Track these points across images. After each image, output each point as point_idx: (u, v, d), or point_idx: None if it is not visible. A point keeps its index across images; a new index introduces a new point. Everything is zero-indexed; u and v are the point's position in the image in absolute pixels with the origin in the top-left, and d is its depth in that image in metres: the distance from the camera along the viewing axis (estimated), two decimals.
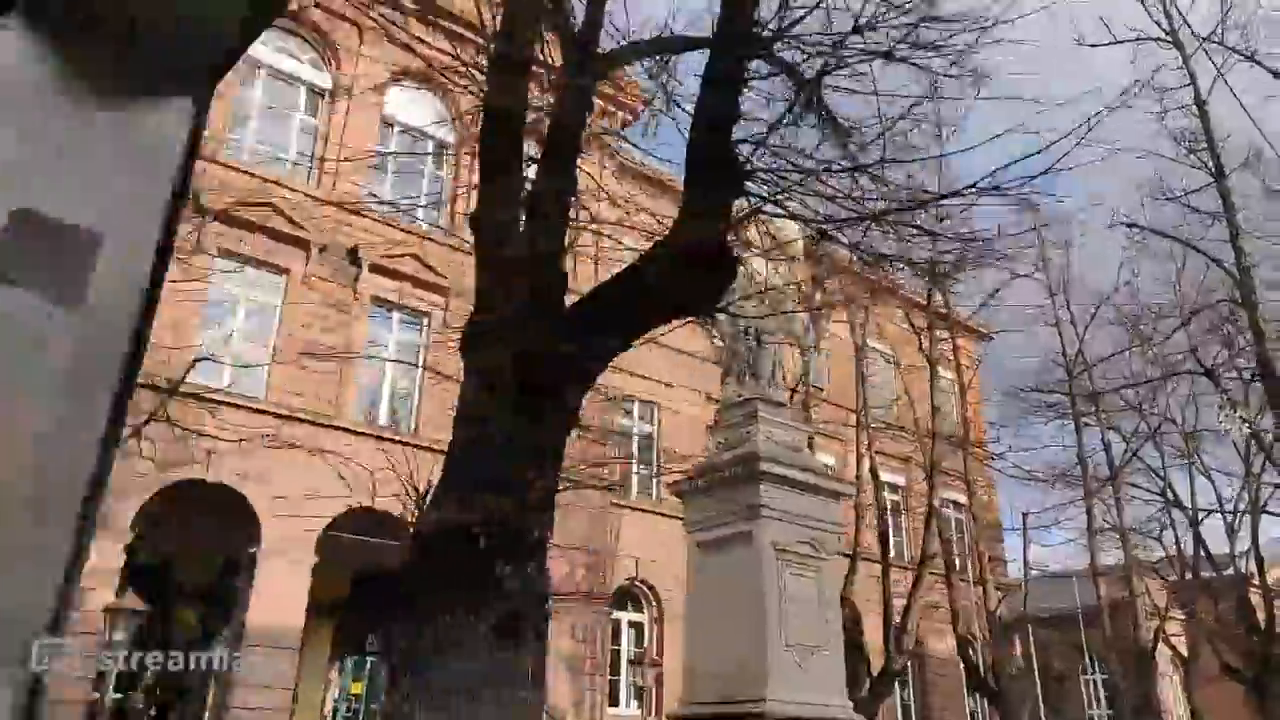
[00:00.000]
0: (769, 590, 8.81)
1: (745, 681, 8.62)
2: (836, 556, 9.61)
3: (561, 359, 3.67)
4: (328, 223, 17.81)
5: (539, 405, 3.60)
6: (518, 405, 3.53)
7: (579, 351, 3.73)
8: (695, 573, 9.76)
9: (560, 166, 4.74)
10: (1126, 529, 20.90)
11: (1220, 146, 12.85)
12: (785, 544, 9.06)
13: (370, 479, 16.88)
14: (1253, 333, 12.89)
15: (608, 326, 3.90)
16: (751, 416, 9.78)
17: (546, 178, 4.73)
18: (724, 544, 9.44)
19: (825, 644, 9.05)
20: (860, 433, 18.31)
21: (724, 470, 9.60)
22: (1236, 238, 12.76)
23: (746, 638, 8.80)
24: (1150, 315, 16.59)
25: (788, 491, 9.30)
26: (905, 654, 15.79)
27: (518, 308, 3.71)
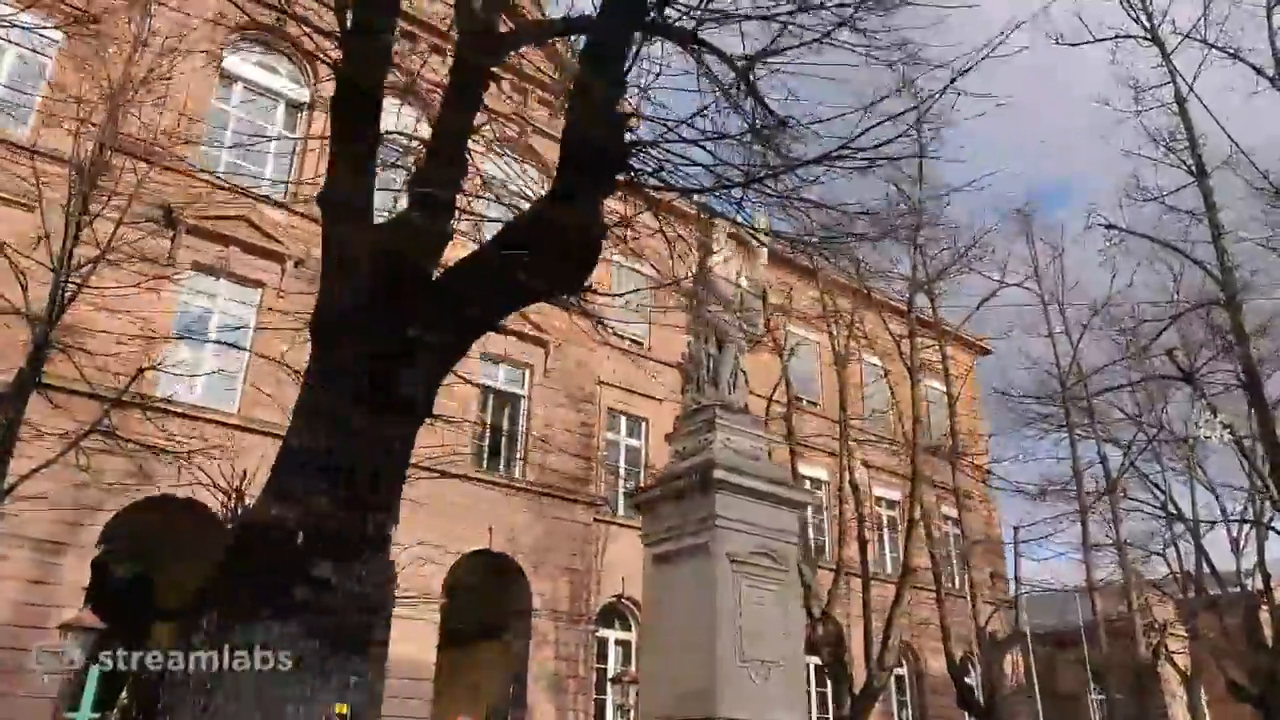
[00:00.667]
0: (723, 604, 8.49)
1: (696, 698, 8.30)
2: (799, 568, 9.27)
3: (409, 346, 3.41)
4: (304, 235, 17.63)
5: (384, 395, 3.34)
6: (358, 394, 3.27)
7: (428, 338, 3.48)
8: (651, 586, 9.47)
9: (448, 152, 4.47)
10: (1125, 543, 20.41)
11: (1201, 144, 12.55)
12: (742, 555, 8.75)
13: None
14: (1235, 336, 12.53)
15: (460, 312, 3.63)
16: (709, 424, 9.49)
17: (432, 164, 4.48)
18: (679, 556, 9.13)
19: (785, 659, 8.71)
20: (843, 443, 17.93)
21: (679, 480, 9.31)
22: (1219, 238, 12.41)
23: (699, 653, 8.48)
24: (1132, 320, 16.20)
25: (745, 501, 8.99)
26: (888, 671, 15.36)
27: (367, 293, 3.44)
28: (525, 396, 20.27)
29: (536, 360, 20.45)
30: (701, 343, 10.14)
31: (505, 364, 20.13)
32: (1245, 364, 12.44)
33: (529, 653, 18.20)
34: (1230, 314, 12.56)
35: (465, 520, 17.92)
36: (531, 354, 20.43)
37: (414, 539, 17.26)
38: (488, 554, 18.28)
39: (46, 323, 9.85)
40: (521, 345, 20.28)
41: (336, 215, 3.69)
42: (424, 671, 16.68)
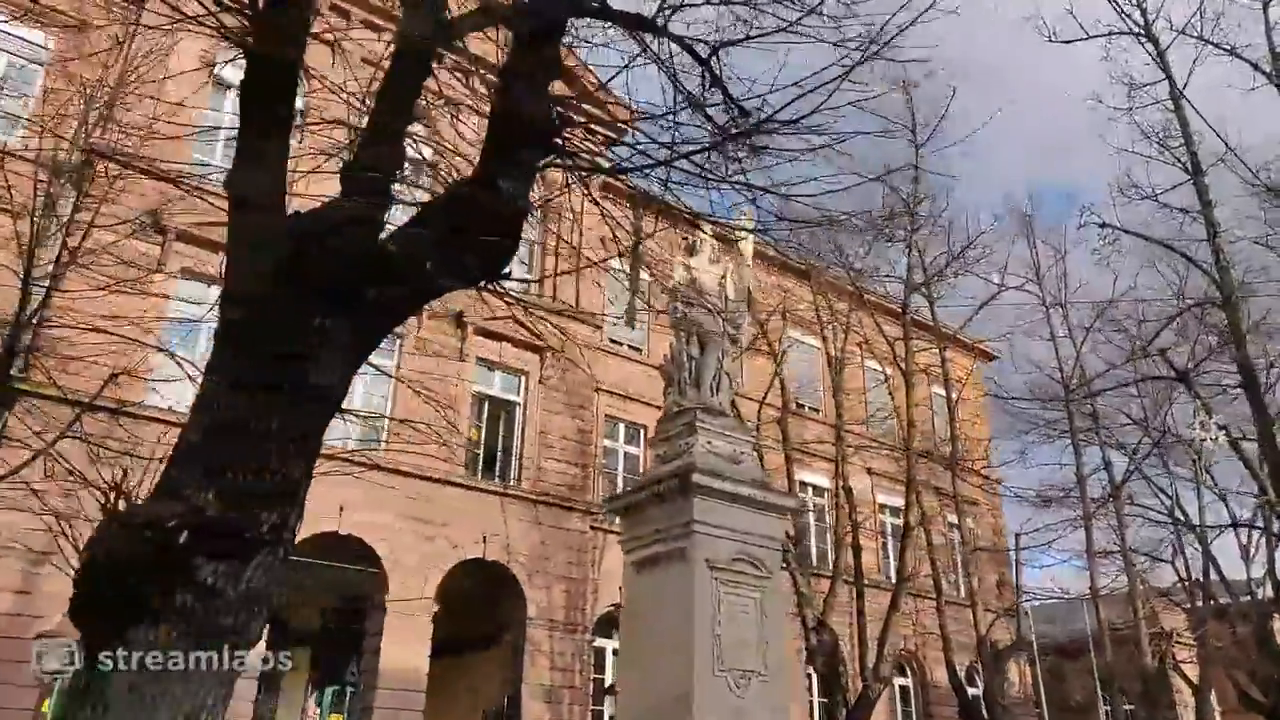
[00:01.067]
0: (700, 611, 8.25)
1: (672, 708, 8.06)
2: (781, 574, 9.02)
3: (318, 335, 3.21)
4: None
5: (291, 386, 3.14)
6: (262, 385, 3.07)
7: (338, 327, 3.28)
8: (629, 594, 9.25)
9: (385, 136, 4.27)
10: (1132, 550, 20.01)
11: (1198, 142, 12.26)
12: (721, 561, 8.51)
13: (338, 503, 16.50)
14: (1233, 335, 12.23)
15: (370, 300, 3.42)
16: (690, 427, 9.27)
17: (367, 148, 4.29)
18: (658, 562, 8.90)
19: (765, 669, 8.44)
20: (839, 448, 17.64)
21: (659, 484, 9.08)
22: (1215, 236, 12.11)
23: (675, 662, 8.24)
24: (1131, 321, 15.82)
25: (726, 506, 8.76)
26: (884, 681, 15.03)
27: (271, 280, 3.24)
28: (521, 403, 20.08)
29: (533, 367, 20.27)
30: (683, 344, 9.93)
31: (501, 370, 19.96)
32: (1243, 363, 12.12)
33: (524, 663, 17.96)
34: (1227, 313, 12.27)
35: (459, 528, 17.74)
36: (528, 361, 20.25)
37: (406, 547, 17.18)
38: (482, 562, 18.07)
39: (16, 326, 9.71)
40: (517, 352, 20.14)
41: (245, 202, 3.50)
42: (416, 682, 16.47)
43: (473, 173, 3.86)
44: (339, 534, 16.42)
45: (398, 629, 16.62)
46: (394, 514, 17.12)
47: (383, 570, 16.79)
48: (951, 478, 19.41)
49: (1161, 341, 13.95)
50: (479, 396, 19.62)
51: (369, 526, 16.77)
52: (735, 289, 10.39)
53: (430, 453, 18.16)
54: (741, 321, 10.48)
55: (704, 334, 9.90)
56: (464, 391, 19.03)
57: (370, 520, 16.81)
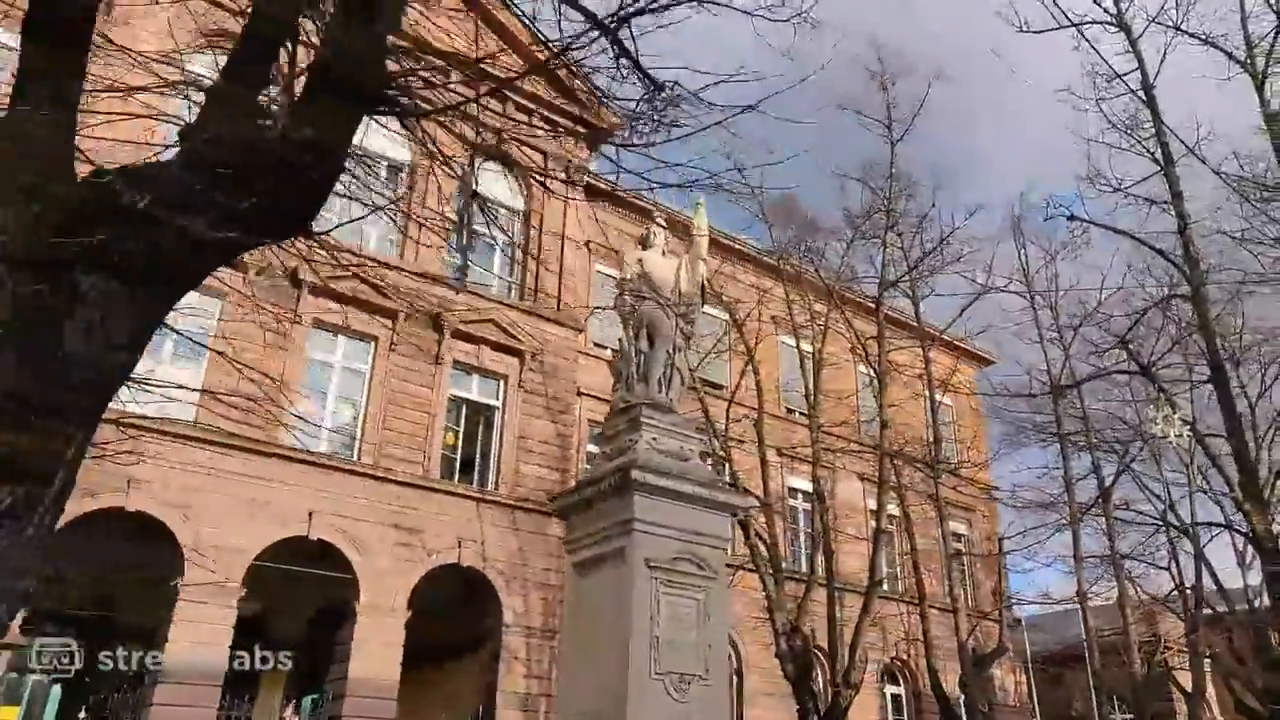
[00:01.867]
0: (639, 611, 7.95)
1: (607, 714, 7.76)
2: (724, 574, 8.72)
3: (73, 292, 2.92)
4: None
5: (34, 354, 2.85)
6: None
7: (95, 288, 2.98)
8: (570, 597, 8.96)
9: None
10: (1122, 556, 19.59)
11: (1168, 133, 11.95)
12: (662, 561, 8.21)
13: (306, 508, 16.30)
14: (1201, 329, 11.88)
15: (131, 255, 3.07)
16: (634, 424, 8.99)
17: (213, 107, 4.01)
18: (598, 563, 8.62)
19: (707, 673, 8.14)
20: (815, 450, 17.30)
21: (600, 483, 8.80)
22: (1185, 229, 11.78)
23: (611, 666, 7.95)
24: (1102, 316, 15.39)
25: (668, 504, 8.46)
26: (855, 688, 14.66)
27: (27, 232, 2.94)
28: (500, 407, 19.83)
29: (512, 371, 20.03)
30: (632, 339, 9.66)
31: (479, 374, 19.73)
32: (1212, 357, 11.77)
33: (500, 670, 17.67)
34: (1195, 306, 11.92)
35: (434, 533, 17.49)
36: (507, 364, 20.01)
37: (378, 552, 16.94)
38: (458, 568, 17.81)
39: None
40: (496, 355, 19.91)
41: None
42: (387, 690, 16.19)
43: (281, 118, 3.60)
44: (308, 539, 16.20)
45: (369, 636, 16.37)
46: (367, 519, 16.89)
47: (354, 576, 16.54)
48: (934, 481, 19.03)
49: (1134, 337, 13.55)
50: (456, 400, 19.38)
51: (340, 532, 16.54)
52: (689, 282, 10.12)
53: (406, 457, 18.01)
54: (695, 316, 10.21)
55: (654, 328, 9.63)
56: (440, 395, 18.81)
57: (342, 525, 16.58)
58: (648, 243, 10.31)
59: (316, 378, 17.73)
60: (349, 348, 18.24)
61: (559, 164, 22.13)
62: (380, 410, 17.91)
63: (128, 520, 14.72)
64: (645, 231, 10.44)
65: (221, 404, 16.00)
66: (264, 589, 17.12)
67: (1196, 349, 12.19)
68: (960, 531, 27.22)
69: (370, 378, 18.13)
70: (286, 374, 17.00)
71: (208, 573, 14.88)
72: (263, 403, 16.68)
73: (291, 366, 17.10)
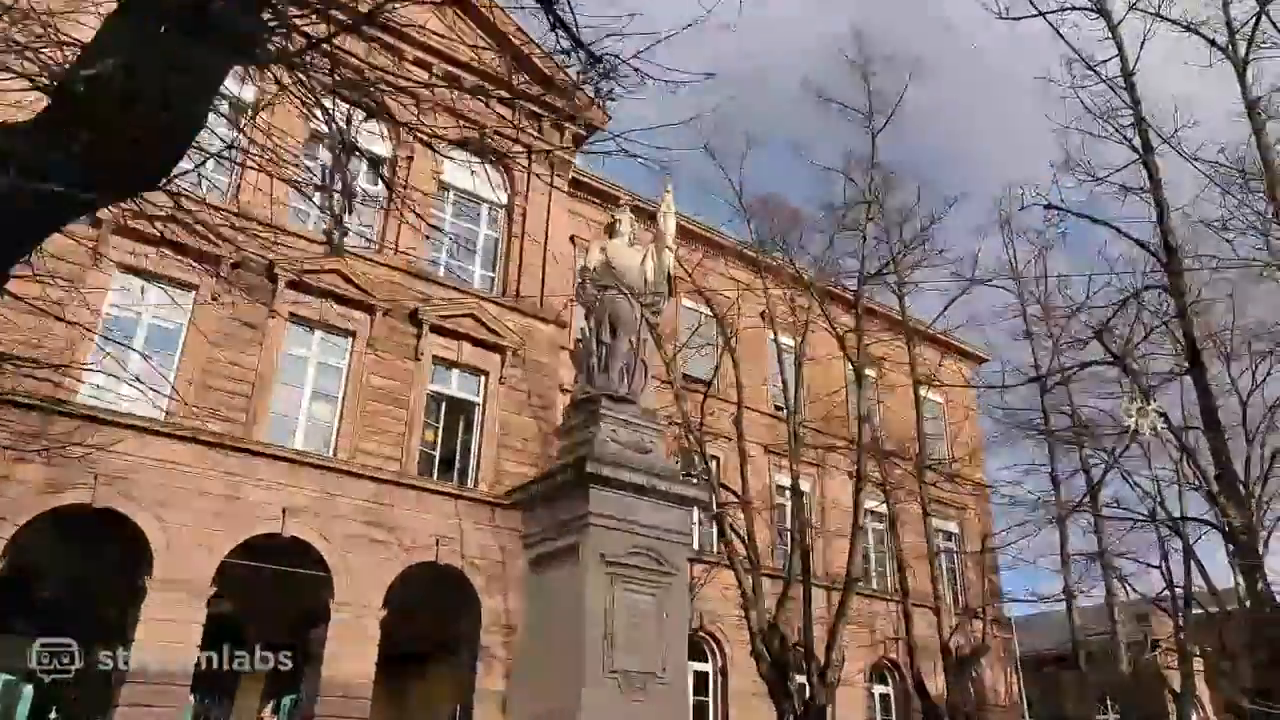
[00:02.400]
0: (592, 609, 7.71)
1: (559, 715, 7.52)
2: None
3: None
4: (242, 237, 17.11)
5: None
6: None
7: None
8: (526, 595, 8.72)
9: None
10: (1112, 554, 19.31)
11: (1147, 120, 11.68)
12: (617, 557, 7.97)
13: (281, 505, 16.06)
14: (1180, 319, 11.64)
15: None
16: (593, 415, 8.75)
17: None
18: (554, 559, 8.39)
19: (664, 672, 7.90)
20: (792, 445, 17.03)
21: (556, 476, 8.58)
22: (1163, 217, 11.53)
23: (564, 665, 7.71)
24: (1068, 306, 15.08)
25: (626, 497, 8.22)
26: (831, 686, 14.39)
27: None
28: (481, 404, 19.59)
29: (493, 367, 19.78)
30: (594, 329, 9.43)
31: (459, 370, 19.48)
32: (1190, 349, 11.51)
33: (478, 671, 17.40)
34: (1173, 296, 11.68)
35: (412, 531, 17.23)
36: (488, 360, 19.76)
37: (354, 550, 16.69)
38: (435, 567, 17.55)
39: None
40: (477, 351, 19.66)
41: None
42: (361, 690, 15.92)
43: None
44: (282, 536, 15.96)
45: (344, 635, 16.12)
46: (343, 516, 16.65)
47: (329, 574, 16.30)
48: (919, 480, 18.78)
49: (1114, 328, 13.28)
50: (436, 396, 19.15)
51: (315, 529, 16.30)
52: (655, 271, 9.87)
53: (383, 454, 17.77)
54: (661, 306, 9.97)
55: (617, 319, 9.39)
56: (419, 391, 18.56)
57: (316, 523, 16.33)
58: (614, 231, 10.09)
59: (293, 373, 17.48)
60: (326, 343, 18.00)
61: (540, 157, 21.90)
62: (357, 406, 17.67)
63: (95, 517, 14.47)
64: (612, 220, 10.21)
65: (194, 398, 15.82)
66: (244, 588, 16.90)
67: (1168, 339, 11.95)
68: (951, 530, 26.96)
69: (347, 373, 17.88)
70: (262, 369, 16.80)
71: (177, 570, 14.66)
72: (237, 397, 16.52)
73: (267, 361, 16.87)
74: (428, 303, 19.10)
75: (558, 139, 22.68)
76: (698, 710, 20.84)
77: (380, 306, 18.31)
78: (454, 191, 21.24)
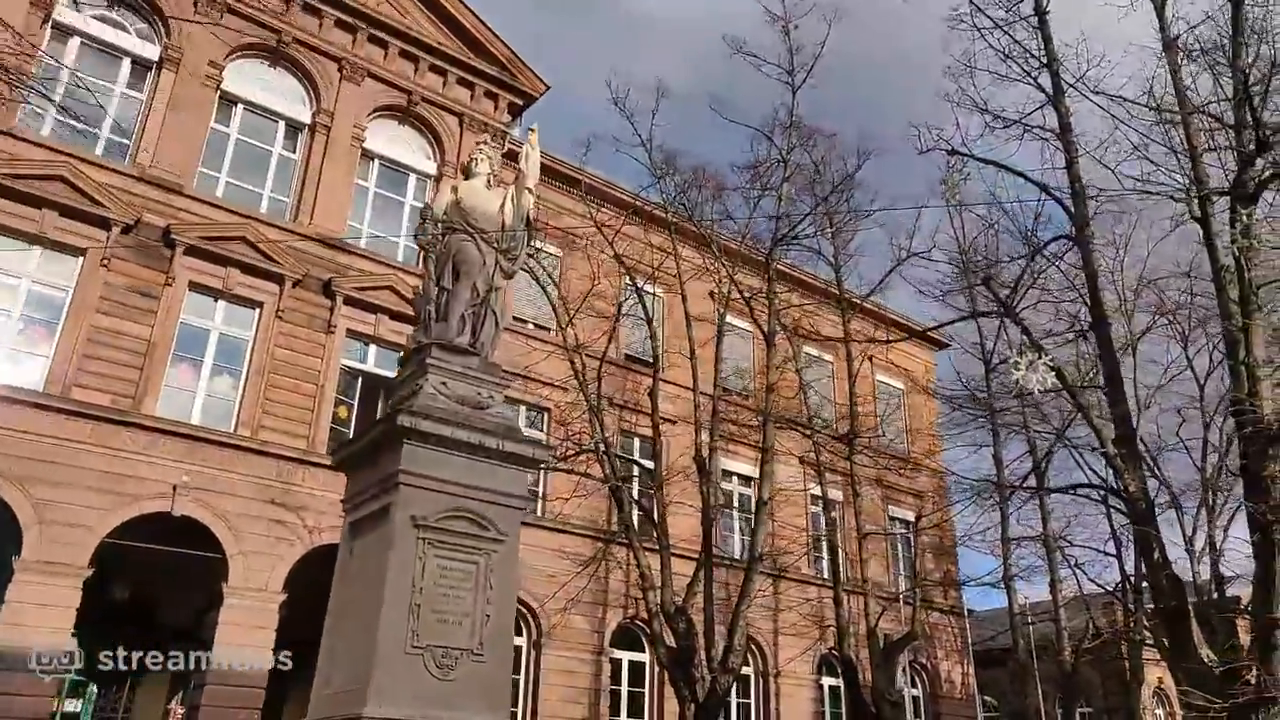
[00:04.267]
0: (396, 576, 6.86)
1: (351, 695, 6.68)
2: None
3: None
4: (139, 200, 16.25)
5: None
6: None
7: None
8: (338, 564, 7.86)
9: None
10: (1063, 539, 18.47)
11: (1060, 62, 10.81)
12: (431, 519, 7.11)
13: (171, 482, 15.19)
14: (1085, 273, 10.83)
15: None
16: (422, 367, 7.90)
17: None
18: (369, 524, 7.55)
19: (481, 647, 7.04)
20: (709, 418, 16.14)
21: (373, 432, 7.73)
22: (1072, 164, 10.69)
23: (361, 639, 6.87)
24: (983, 263, 14.17)
25: (446, 455, 7.36)
26: (731, 673, 13.55)
27: None
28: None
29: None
30: (434, 275, 8.57)
31: (376, 345, 18.59)
32: (1094, 303, 10.70)
33: None
34: (1081, 248, 10.86)
35: (317, 511, 16.34)
36: (408, 335, 18.84)
37: (252, 531, 15.82)
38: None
39: None
40: (397, 325, 18.75)
41: None
42: (255, 678, 15.05)
43: None
44: (171, 515, 15.08)
45: (238, 620, 15.25)
46: (242, 496, 15.78)
47: (224, 556, 15.42)
48: (849, 459, 17.95)
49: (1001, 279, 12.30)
50: (350, 372, 18.27)
51: (208, 508, 15.42)
52: (514, 215, 9.01)
53: (290, 430, 16.89)
54: (519, 252, 9.10)
55: (460, 263, 8.52)
56: (331, 366, 17.69)
57: (211, 501, 15.46)
58: (470, 171, 9.22)
59: (192, 345, 16.59)
60: (230, 313, 17.10)
61: (475, 127, 21.05)
62: (262, 380, 16.79)
63: None
64: (469, 159, 9.34)
65: (76, 369, 14.94)
66: (147, 573, 16.07)
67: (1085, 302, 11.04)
68: (908, 518, 26.16)
69: (253, 346, 16.99)
70: (156, 339, 15.91)
71: (49, 551, 13.79)
72: (126, 369, 15.61)
73: (162, 332, 15.97)
74: (344, 274, 18.22)
75: (491, 108, 21.80)
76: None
77: (290, 277, 17.43)
78: (379, 161, 20.35)
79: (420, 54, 20.96)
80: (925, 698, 25.17)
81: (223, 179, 17.96)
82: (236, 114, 18.67)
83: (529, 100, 22.48)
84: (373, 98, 20.24)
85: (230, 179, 18.07)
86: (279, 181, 18.76)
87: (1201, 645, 10.09)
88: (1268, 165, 9.06)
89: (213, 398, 16.63)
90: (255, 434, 16.31)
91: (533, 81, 22.32)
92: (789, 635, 21.67)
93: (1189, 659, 10.04)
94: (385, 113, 20.58)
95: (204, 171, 17.67)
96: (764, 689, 21.99)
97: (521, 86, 22.15)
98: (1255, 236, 8.40)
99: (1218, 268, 9.49)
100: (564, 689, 19.05)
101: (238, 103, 18.65)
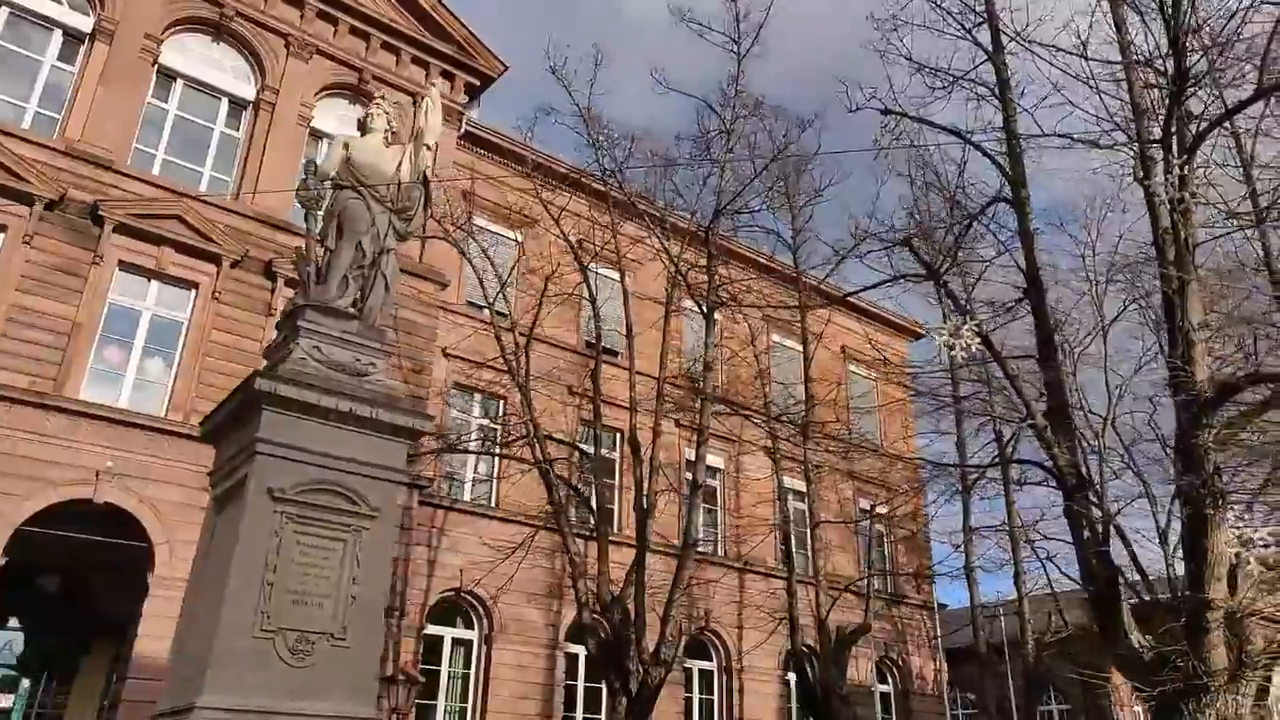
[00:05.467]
0: (247, 552, 6.30)
1: (190, 683, 6.11)
2: (390, 512, 7.04)
3: None
4: (66, 175, 15.64)
5: None
6: None
7: None
8: (200, 541, 7.30)
9: None
10: (1021, 526, 17.90)
11: (1001, 18, 10.28)
12: (291, 491, 6.54)
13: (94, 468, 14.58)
14: (1020, 235, 10.29)
15: None
16: (295, 330, 7.32)
17: None
18: (228, 497, 6.98)
19: (344, 631, 6.47)
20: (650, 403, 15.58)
21: (234, 399, 7.16)
22: (1010, 119, 10.15)
23: (207, 620, 6.30)
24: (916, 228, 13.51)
25: (311, 423, 6.80)
26: (665, 665, 13.00)
27: None
28: None
29: None
30: (316, 234, 8.00)
31: None
32: (1029, 268, 10.16)
33: None
34: (1016, 210, 10.32)
35: None
36: None
37: (181, 519, 15.21)
38: None
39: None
40: None
41: None
42: None
43: None
44: (93, 503, 14.48)
45: (163, 611, 14.57)
46: (172, 483, 15.15)
47: (150, 545, 14.82)
48: (803, 444, 17.39)
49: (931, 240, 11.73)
50: None
51: (134, 494, 14.81)
52: (410, 172, 8.43)
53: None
54: (414, 213, 8.51)
55: (345, 221, 7.95)
56: None
57: (138, 488, 14.85)
58: (365, 127, 8.63)
59: (122, 326, 15.98)
60: (165, 294, 16.48)
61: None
62: (197, 363, 16.19)
63: None
64: (364, 114, 8.76)
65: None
66: (79, 564, 15.50)
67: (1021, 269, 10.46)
68: (877, 511, 25.56)
69: (188, 328, 16.38)
70: (81, 320, 15.30)
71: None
72: (48, 349, 15.00)
73: (88, 312, 15.36)
74: (287, 256, 17.59)
75: (448, 88, 21.19)
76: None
77: (229, 257, 16.83)
78: (328, 141, 19.70)
79: (372, 31, 20.38)
80: (896, 693, 24.64)
81: (160, 156, 17.35)
82: (176, 89, 18.05)
83: (487, 81, 21.89)
84: (321, 76, 19.64)
85: (168, 156, 17.46)
86: (221, 160, 18.15)
87: (1132, 630, 9.53)
88: (1206, 117, 8.53)
89: (144, 381, 16.01)
90: (188, 419, 15.69)
91: (490, 62, 21.74)
92: (753, 629, 21.12)
93: (1118, 645, 9.51)
94: (335, 91, 19.97)
95: (140, 148, 17.05)
96: (727, 684, 21.44)
97: (479, 67, 21.58)
98: (1191, 192, 7.87)
99: (1159, 229, 8.97)
100: (516, 684, 18.50)
101: (177, 78, 18.03)
